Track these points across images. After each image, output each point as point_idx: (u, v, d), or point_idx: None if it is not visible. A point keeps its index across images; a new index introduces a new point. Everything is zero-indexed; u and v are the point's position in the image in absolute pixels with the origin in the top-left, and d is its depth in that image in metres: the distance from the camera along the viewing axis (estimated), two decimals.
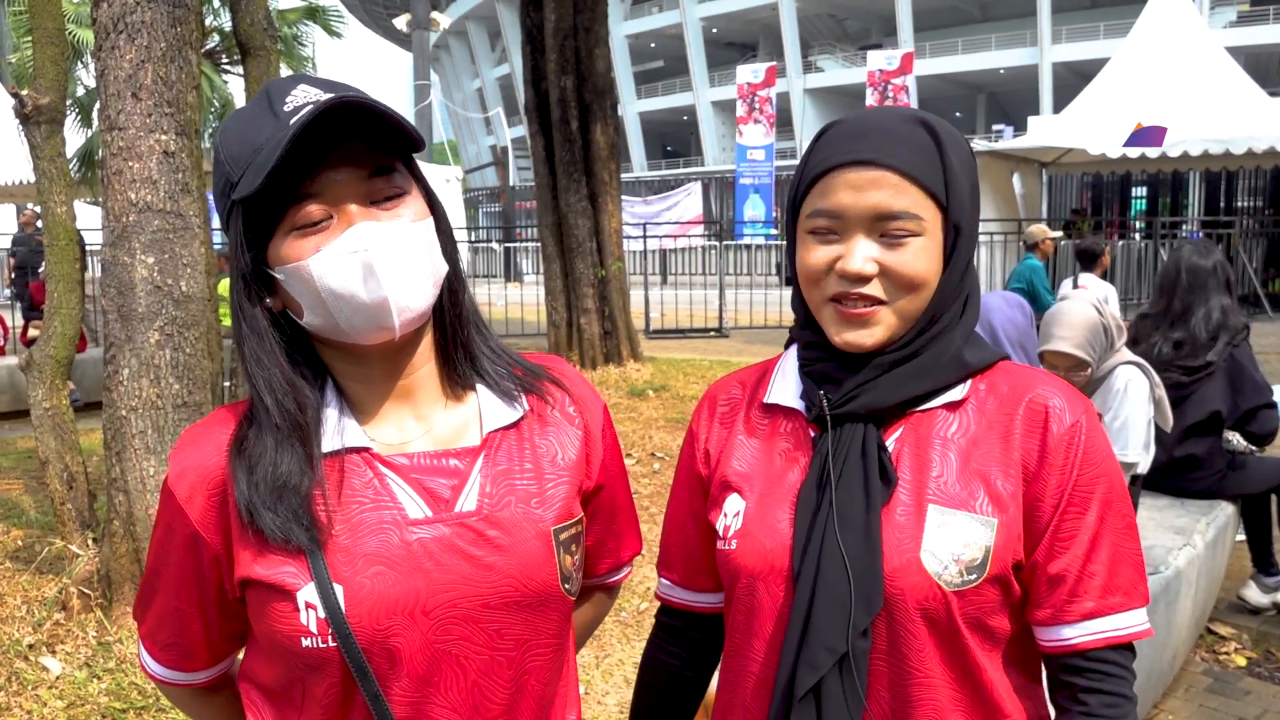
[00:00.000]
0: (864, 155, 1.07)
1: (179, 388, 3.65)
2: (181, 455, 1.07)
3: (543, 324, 10.62)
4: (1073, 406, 1.09)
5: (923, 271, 1.08)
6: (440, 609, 1.01)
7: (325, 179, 0.99)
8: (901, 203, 1.06)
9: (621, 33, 46.01)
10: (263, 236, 1.01)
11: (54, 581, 4.04)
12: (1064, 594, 1.07)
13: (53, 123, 4.35)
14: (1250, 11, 35.37)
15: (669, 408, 8.11)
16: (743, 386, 1.26)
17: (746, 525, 1.14)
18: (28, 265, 11.45)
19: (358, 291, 0.98)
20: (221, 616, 1.09)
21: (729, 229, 26.01)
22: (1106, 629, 1.07)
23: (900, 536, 1.06)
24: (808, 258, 1.11)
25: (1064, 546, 1.07)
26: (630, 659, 3.41)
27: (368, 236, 0.98)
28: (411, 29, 30.40)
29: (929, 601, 1.04)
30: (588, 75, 9.54)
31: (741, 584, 1.14)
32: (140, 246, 3.56)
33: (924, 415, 1.12)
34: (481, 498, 1.06)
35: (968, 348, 1.13)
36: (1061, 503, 1.07)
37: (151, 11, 3.55)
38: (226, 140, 1.01)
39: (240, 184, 0.98)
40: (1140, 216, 21.47)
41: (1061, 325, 3.36)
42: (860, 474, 1.08)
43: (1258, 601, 4.31)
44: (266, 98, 1.02)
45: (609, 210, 9.71)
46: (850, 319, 1.08)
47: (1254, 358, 4.23)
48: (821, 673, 1.04)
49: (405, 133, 1.01)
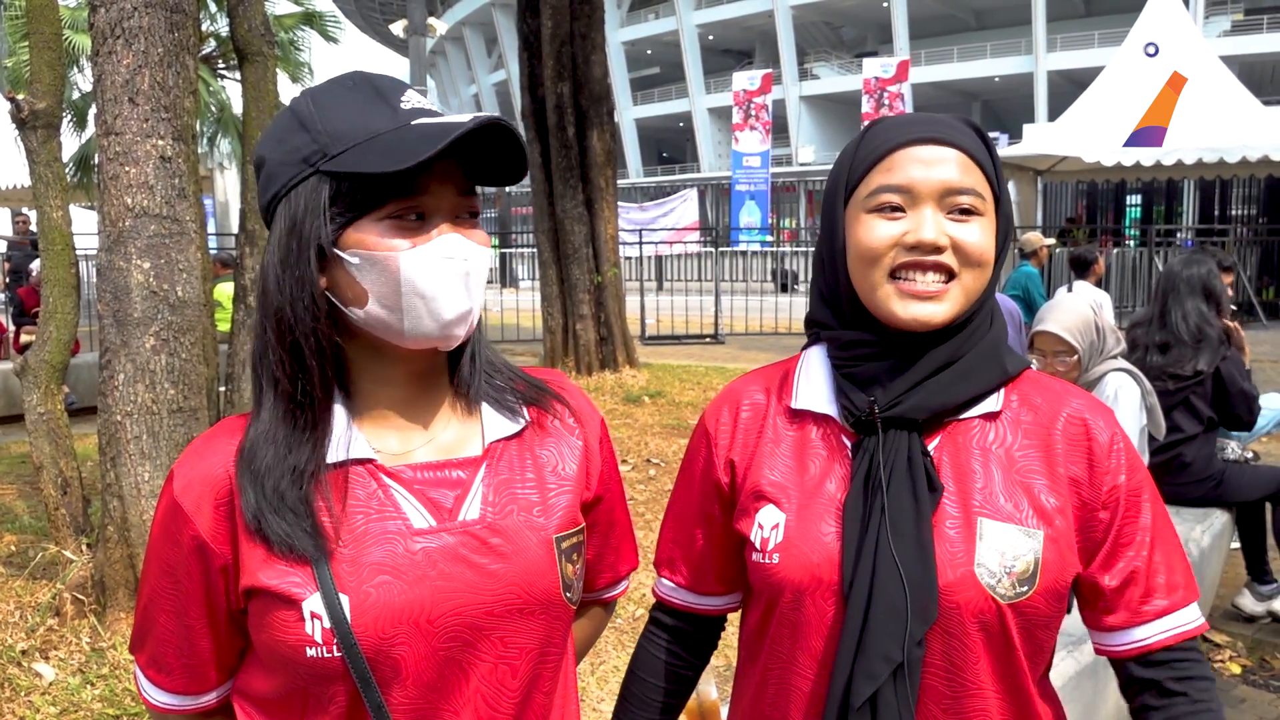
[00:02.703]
0: (933, 133, 1.09)
1: (174, 393, 3.64)
2: (186, 467, 1.06)
3: (538, 330, 10.62)
4: (1107, 418, 1.13)
5: (988, 249, 1.10)
6: (445, 618, 1.02)
7: (432, 183, 1.01)
8: (969, 180, 1.08)
9: (618, 39, 46.11)
10: (351, 214, 1.00)
11: (48, 587, 4.03)
12: (1136, 597, 1.11)
13: (49, 127, 4.34)
14: (1244, 20, 35.53)
15: (665, 414, 8.11)
16: (765, 389, 1.23)
17: (789, 539, 1.12)
18: (22, 270, 11.42)
19: (441, 295, 1.00)
20: (230, 630, 1.08)
21: (725, 235, 26.05)
22: (1177, 624, 1.12)
23: (953, 550, 1.06)
24: (870, 234, 1.09)
25: (1127, 550, 1.10)
26: (625, 666, 3.41)
27: (461, 247, 1.02)
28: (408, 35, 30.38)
29: (985, 615, 1.05)
30: (584, 82, 9.55)
31: (786, 599, 1.12)
32: (136, 251, 3.56)
33: (961, 425, 1.13)
34: (484, 506, 1.07)
35: (1005, 354, 1.15)
36: (1118, 508, 1.10)
37: (149, 17, 3.54)
38: (326, 114, 1.01)
39: (348, 158, 0.98)
40: (1135, 225, 21.51)
41: (1055, 311, 3.41)
42: (908, 482, 1.07)
43: (1252, 609, 4.32)
44: (373, 89, 1.04)
45: (605, 216, 9.72)
46: (918, 295, 1.08)
47: (1244, 368, 4.24)
48: (879, 683, 1.04)
49: (508, 169, 1.06)
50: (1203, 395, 4.13)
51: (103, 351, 3.64)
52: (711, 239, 23.41)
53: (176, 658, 1.09)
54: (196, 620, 1.07)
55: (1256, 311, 15.65)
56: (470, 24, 55.14)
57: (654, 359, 11.27)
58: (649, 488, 5.96)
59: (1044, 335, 3.38)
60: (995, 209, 1.11)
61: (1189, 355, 4.14)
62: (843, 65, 44.58)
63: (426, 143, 0.95)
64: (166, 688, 1.11)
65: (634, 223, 25.31)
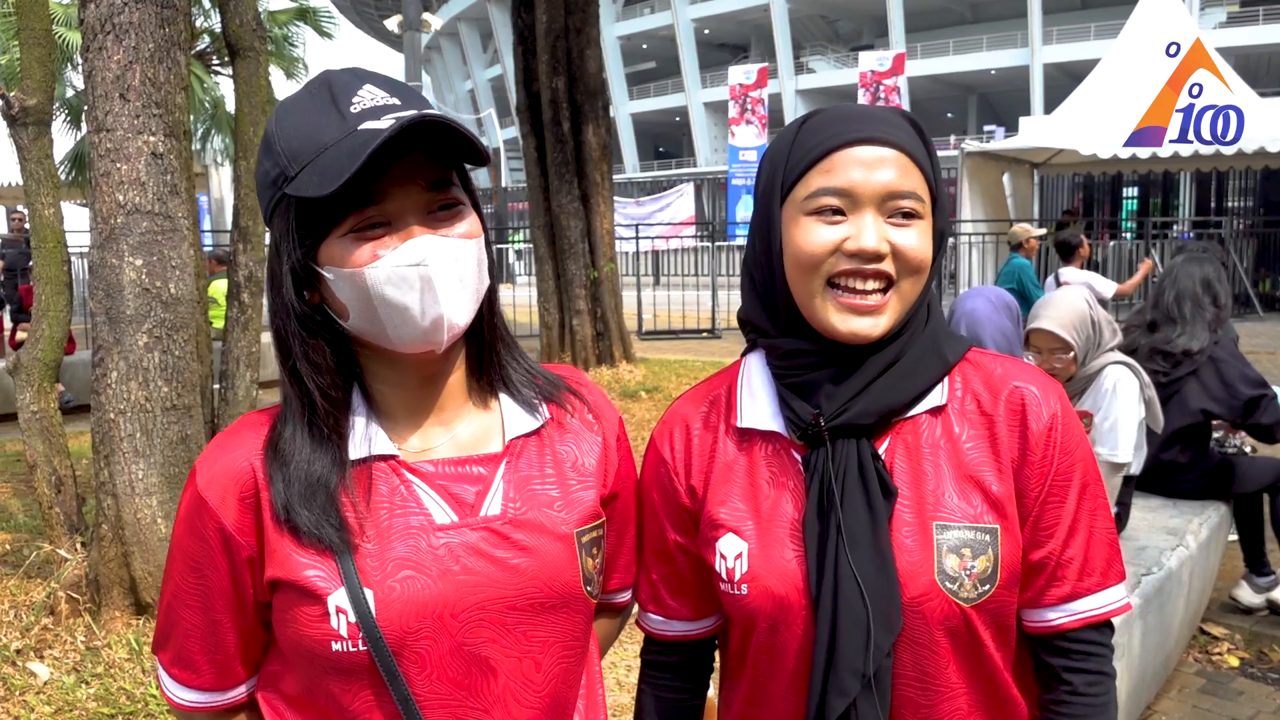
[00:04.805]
0: (874, 133, 1.06)
1: (168, 390, 3.62)
2: (210, 462, 1.07)
3: (535, 325, 10.61)
4: (1046, 396, 1.11)
5: (927, 255, 1.08)
6: (468, 612, 1.03)
7: (391, 187, 0.99)
8: (909, 183, 1.06)
9: (613, 34, 46.00)
10: (315, 234, 1.00)
11: (42, 586, 4.01)
12: (1044, 579, 1.10)
13: (40, 124, 4.32)
14: (1240, 12, 35.50)
15: (662, 409, 8.09)
16: (712, 407, 1.20)
17: (753, 569, 1.10)
18: (16, 268, 11.39)
19: (412, 304, 0.99)
20: (256, 624, 1.08)
21: (721, 230, 26.00)
22: (1085, 609, 1.11)
23: (912, 560, 1.06)
24: (809, 239, 1.06)
25: (1045, 535, 1.10)
26: (623, 662, 3.39)
27: (427, 249, 0.99)
28: (403, 30, 30.30)
29: (950, 620, 1.05)
30: (579, 76, 9.53)
31: (761, 627, 1.11)
32: (128, 248, 3.54)
33: (909, 423, 1.12)
34: (505, 502, 1.08)
35: (944, 341, 1.13)
36: (1042, 493, 1.09)
37: (139, 12, 3.52)
38: (284, 131, 1.01)
39: (300, 180, 0.97)
40: (1131, 217, 21.53)
41: (1050, 307, 3.40)
42: (861, 491, 1.07)
43: (1250, 601, 4.31)
44: (329, 92, 1.01)
45: (601, 211, 9.70)
46: (856, 309, 1.06)
47: (1238, 351, 4.23)
48: (851, 698, 1.04)
49: (475, 150, 1.02)
50: (1197, 385, 4.10)
51: (95, 349, 3.62)
52: (708, 233, 23.41)
53: (203, 654, 1.09)
54: (223, 615, 1.07)
55: (1253, 303, 15.66)
56: (465, 19, 55.01)
57: (651, 354, 11.26)
58: None
59: (1040, 333, 3.37)
60: (933, 208, 1.09)
61: (1176, 332, 4.13)
62: (839, 59, 44.54)
63: (352, 157, 0.93)
64: (193, 685, 1.11)
65: (630, 218, 25.31)
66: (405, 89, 1.03)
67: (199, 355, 3.82)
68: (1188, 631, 3.98)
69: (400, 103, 1.00)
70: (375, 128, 0.95)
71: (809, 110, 1.14)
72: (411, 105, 1.01)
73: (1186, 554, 3.57)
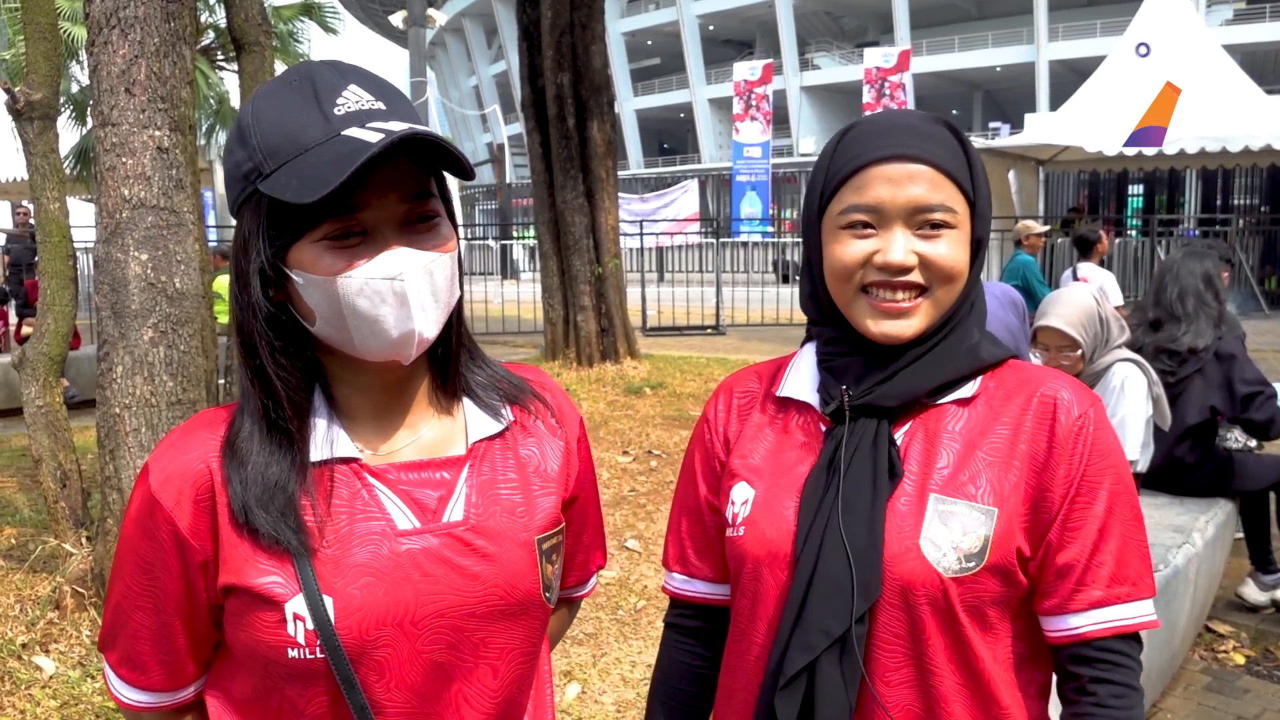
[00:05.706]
0: (901, 150, 1.09)
1: (173, 385, 3.63)
2: (164, 461, 1.04)
3: (539, 321, 10.60)
4: (1080, 399, 1.12)
5: (959, 263, 1.11)
6: (428, 619, 1.02)
7: (370, 197, 0.97)
8: (938, 196, 1.09)
9: (618, 30, 45.98)
10: (287, 235, 0.98)
11: (47, 580, 4.02)
12: (1071, 583, 1.08)
13: (45, 119, 4.32)
14: (1247, 9, 35.40)
15: (666, 405, 8.09)
16: (759, 379, 1.29)
17: (754, 513, 1.16)
18: (22, 263, 11.42)
19: (384, 317, 0.97)
20: (208, 625, 1.06)
21: (726, 226, 26.02)
22: (1113, 618, 1.08)
23: (901, 524, 1.08)
24: (842, 253, 1.12)
25: (1072, 536, 1.08)
26: (627, 657, 3.39)
27: (404, 263, 0.97)
28: (408, 26, 30.32)
29: (929, 588, 1.06)
30: (584, 72, 9.51)
31: (747, 570, 1.16)
32: (134, 243, 3.54)
33: (935, 410, 1.14)
34: (468, 508, 1.06)
35: (984, 342, 1.16)
36: (1070, 492, 1.08)
37: (145, 7, 3.51)
38: (262, 127, 0.98)
39: (277, 180, 0.95)
40: (1137, 214, 21.48)
41: (1057, 304, 3.38)
42: (870, 466, 1.10)
43: (1256, 599, 4.30)
44: (312, 89, 0.98)
45: (606, 207, 9.69)
46: (888, 312, 1.10)
47: (1243, 348, 4.22)
48: (814, 655, 1.06)
49: (460, 166, 1.00)
50: (1203, 383, 4.10)
51: (100, 344, 3.62)
52: (712, 230, 23.38)
53: (153, 655, 1.07)
54: (174, 617, 1.05)
55: (1259, 301, 15.62)
56: (470, 15, 54.97)
57: (655, 350, 11.25)
58: (650, 479, 5.95)
59: (1048, 330, 3.35)
60: (971, 213, 1.13)
61: (1180, 330, 4.12)
62: (844, 55, 44.41)
63: (337, 168, 0.91)
64: (141, 685, 1.09)
65: (635, 214, 25.29)
66: (389, 90, 1.01)
67: (204, 350, 3.82)
68: (1194, 629, 3.97)
69: (385, 107, 0.98)
70: (360, 137, 0.93)
71: (813, 107, 1.16)
72: (395, 110, 0.99)
73: (1193, 552, 3.56)
